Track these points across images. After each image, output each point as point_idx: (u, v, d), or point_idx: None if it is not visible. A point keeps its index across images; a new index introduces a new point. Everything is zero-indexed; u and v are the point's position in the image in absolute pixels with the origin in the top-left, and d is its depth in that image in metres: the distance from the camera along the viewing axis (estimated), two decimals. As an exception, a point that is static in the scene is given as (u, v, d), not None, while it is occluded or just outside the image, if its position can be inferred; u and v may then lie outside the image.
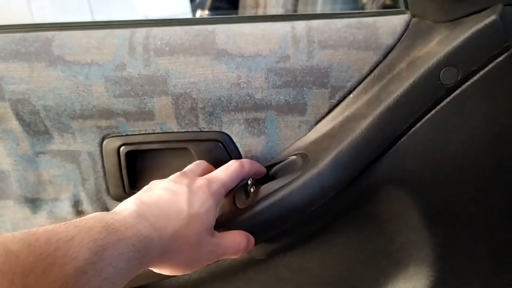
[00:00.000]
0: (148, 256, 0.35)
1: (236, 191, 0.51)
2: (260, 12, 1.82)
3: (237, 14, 1.93)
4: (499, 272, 0.54)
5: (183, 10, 1.87)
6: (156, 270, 0.40)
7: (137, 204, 0.39)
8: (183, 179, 0.43)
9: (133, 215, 0.37)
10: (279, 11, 1.78)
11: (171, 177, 0.44)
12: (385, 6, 1.42)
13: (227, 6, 2.03)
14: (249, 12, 1.83)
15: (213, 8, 1.92)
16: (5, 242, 0.28)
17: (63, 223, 0.32)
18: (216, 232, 0.43)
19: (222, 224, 0.47)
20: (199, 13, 1.92)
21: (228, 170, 0.46)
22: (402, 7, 0.51)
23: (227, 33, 0.50)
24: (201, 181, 0.43)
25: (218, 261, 0.51)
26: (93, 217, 0.34)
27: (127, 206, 0.39)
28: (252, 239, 0.45)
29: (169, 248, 0.38)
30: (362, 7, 1.65)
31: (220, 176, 0.45)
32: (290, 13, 1.78)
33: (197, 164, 0.49)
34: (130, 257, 0.33)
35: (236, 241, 0.43)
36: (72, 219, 0.57)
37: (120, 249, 0.33)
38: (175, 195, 0.41)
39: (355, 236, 0.55)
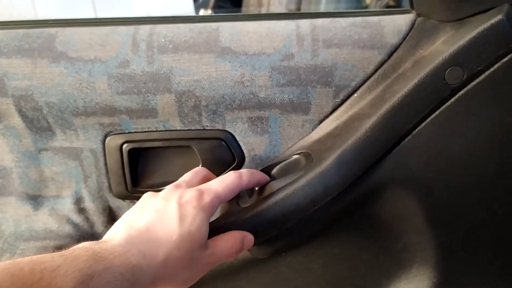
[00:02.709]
0: (138, 284, 0.35)
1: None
2: (264, 11, 1.82)
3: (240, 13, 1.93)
4: (502, 274, 0.53)
5: (187, 9, 1.87)
6: None
7: (126, 231, 0.38)
8: (174, 194, 0.42)
9: (122, 243, 0.36)
10: (282, 11, 1.78)
11: (163, 191, 0.43)
12: (388, 7, 1.42)
13: (230, 6, 2.04)
14: (253, 12, 1.84)
15: (216, 8, 1.92)
16: None
17: (49, 253, 0.32)
18: (208, 243, 0.42)
19: (224, 223, 0.46)
20: (202, 12, 1.92)
21: (223, 182, 0.44)
22: (407, 6, 0.51)
23: (231, 31, 0.50)
24: (192, 193, 0.42)
25: None
26: (81, 247, 0.34)
27: (116, 234, 0.38)
28: (249, 238, 0.45)
29: (161, 273, 0.37)
30: (366, 8, 1.65)
31: (213, 187, 0.43)
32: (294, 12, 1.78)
33: (195, 173, 0.48)
34: (118, 286, 0.33)
35: (228, 246, 0.43)
36: (74, 217, 0.57)
37: (108, 278, 0.32)
38: (164, 216, 0.40)
39: (358, 236, 0.54)
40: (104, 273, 0.32)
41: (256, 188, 0.49)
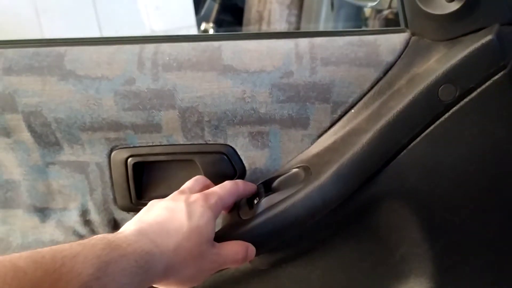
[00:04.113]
0: (150, 272, 0.37)
1: (241, 202, 0.53)
2: (264, 25, 1.85)
3: (241, 27, 1.96)
4: (497, 284, 0.54)
5: (188, 23, 1.90)
6: (162, 287, 0.41)
7: (137, 223, 0.41)
8: (180, 196, 0.45)
9: (134, 233, 0.38)
10: (282, 24, 1.81)
11: (169, 196, 0.46)
12: (387, 20, 1.44)
13: (231, 19, 2.06)
14: (253, 26, 1.86)
15: (217, 21, 1.95)
16: (13, 259, 0.30)
17: (67, 243, 0.34)
18: (215, 243, 0.44)
19: (226, 234, 0.48)
20: (203, 26, 1.94)
21: (224, 187, 0.47)
22: (402, 26, 0.52)
23: (233, 49, 0.52)
24: (198, 195, 0.45)
25: (221, 271, 0.52)
26: (96, 237, 0.36)
27: (128, 226, 0.40)
28: (252, 248, 0.47)
29: (172, 263, 0.39)
30: (365, 21, 1.67)
31: (216, 191, 0.46)
32: (293, 26, 1.81)
33: (195, 180, 0.50)
34: (132, 272, 0.35)
35: (234, 250, 0.45)
36: (80, 228, 0.58)
37: (123, 265, 0.34)
38: (174, 212, 0.42)
39: (356, 247, 0.55)
40: (120, 260, 0.34)
41: (256, 201, 0.51)
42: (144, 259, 0.36)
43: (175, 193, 0.47)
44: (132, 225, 0.40)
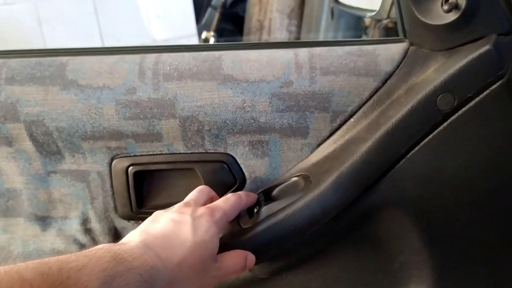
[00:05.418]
0: (154, 286, 0.37)
1: (241, 211, 0.53)
2: (265, 34, 1.86)
3: (241, 36, 1.97)
4: None
5: (189, 32, 1.91)
6: None
7: (142, 235, 0.41)
8: (186, 209, 0.45)
9: (139, 246, 0.38)
10: (282, 33, 1.82)
11: (174, 207, 0.46)
12: (387, 29, 1.45)
13: (232, 28, 2.08)
14: (254, 35, 1.88)
15: (218, 30, 1.96)
16: (19, 270, 0.30)
17: (73, 253, 0.34)
18: (217, 256, 0.44)
19: (227, 243, 0.48)
20: (204, 35, 1.96)
21: (229, 202, 0.48)
22: (401, 36, 0.53)
23: (233, 59, 0.53)
24: (204, 210, 0.45)
25: None
26: (102, 248, 0.36)
27: (133, 237, 0.40)
28: (251, 257, 0.47)
29: (176, 277, 0.39)
30: (365, 30, 1.68)
31: (221, 206, 0.46)
32: (293, 35, 1.83)
33: (200, 191, 0.50)
34: (137, 286, 0.35)
35: (234, 261, 0.45)
36: (80, 237, 0.59)
37: (128, 279, 0.34)
38: (179, 225, 0.42)
39: (356, 256, 0.56)
40: (126, 274, 0.34)
41: (256, 210, 0.51)
42: (148, 273, 0.36)
43: (181, 205, 0.46)
44: (137, 236, 0.40)
